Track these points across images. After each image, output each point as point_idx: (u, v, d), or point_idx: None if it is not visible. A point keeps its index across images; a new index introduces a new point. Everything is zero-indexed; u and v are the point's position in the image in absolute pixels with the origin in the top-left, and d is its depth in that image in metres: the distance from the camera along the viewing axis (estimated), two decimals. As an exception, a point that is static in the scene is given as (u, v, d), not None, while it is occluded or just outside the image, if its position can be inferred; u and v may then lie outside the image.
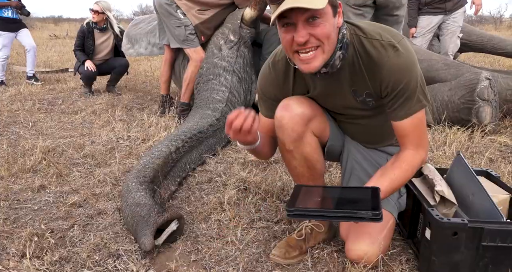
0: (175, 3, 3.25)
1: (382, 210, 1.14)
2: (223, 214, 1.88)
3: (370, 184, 1.35)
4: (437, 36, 4.89)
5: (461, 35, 4.68)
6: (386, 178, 1.34)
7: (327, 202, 1.23)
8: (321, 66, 1.27)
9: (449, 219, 1.34)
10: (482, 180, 1.63)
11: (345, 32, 1.29)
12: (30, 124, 3.38)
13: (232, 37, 3.18)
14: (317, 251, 1.57)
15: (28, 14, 5.61)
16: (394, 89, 1.29)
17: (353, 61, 1.33)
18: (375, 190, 1.24)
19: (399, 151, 1.40)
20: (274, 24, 1.26)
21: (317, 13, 1.18)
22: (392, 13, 2.90)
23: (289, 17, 1.20)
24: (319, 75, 1.35)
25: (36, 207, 1.94)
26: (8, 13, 5.30)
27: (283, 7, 1.16)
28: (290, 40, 1.23)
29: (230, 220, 1.82)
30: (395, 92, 1.30)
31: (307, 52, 1.24)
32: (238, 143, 1.43)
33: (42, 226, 1.73)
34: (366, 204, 1.17)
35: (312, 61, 1.25)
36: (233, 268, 1.47)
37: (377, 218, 1.13)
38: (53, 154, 2.65)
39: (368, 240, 1.40)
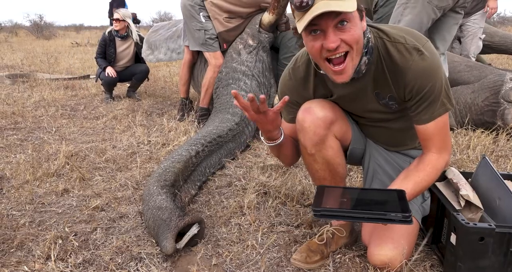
0: (199, 6, 3.28)
1: (412, 212, 1.13)
2: (243, 218, 1.88)
3: (394, 186, 1.32)
4: (457, 38, 4.81)
5: (483, 36, 4.59)
6: (410, 181, 1.32)
7: (353, 203, 1.22)
8: (352, 74, 1.26)
9: (476, 224, 1.31)
10: (509, 184, 1.59)
11: (369, 36, 1.28)
12: (54, 129, 3.45)
13: (250, 42, 3.20)
14: (338, 256, 1.56)
15: (139, 22, 6.47)
16: (419, 93, 1.27)
17: (377, 65, 1.32)
18: (401, 193, 1.22)
19: (422, 154, 1.38)
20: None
21: (347, 17, 1.17)
22: (458, 11, 2.83)
23: (318, 24, 1.18)
24: None
25: (60, 211, 1.98)
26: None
27: (314, 12, 1.13)
28: (319, 47, 1.22)
29: (251, 224, 1.81)
30: (420, 96, 1.28)
31: (337, 58, 1.22)
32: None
33: (66, 229, 1.76)
34: (394, 206, 1.16)
35: (344, 71, 1.24)
36: (254, 272, 1.47)
37: (407, 220, 1.11)
38: (76, 159, 2.70)
39: (391, 245, 1.38)
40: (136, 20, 6.49)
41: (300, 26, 1.19)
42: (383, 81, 1.33)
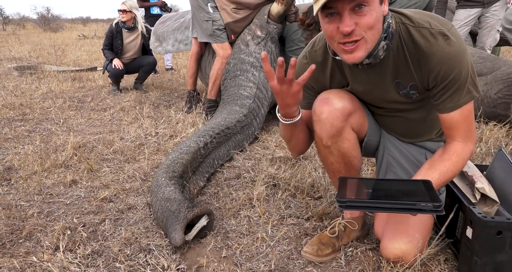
0: None
1: (442, 202, 1.09)
2: (252, 210, 1.85)
3: (418, 176, 1.28)
4: (471, 33, 4.70)
5: (501, 28, 4.47)
6: (436, 171, 1.27)
7: (379, 194, 1.17)
8: (365, 56, 1.21)
9: (493, 218, 1.27)
10: (526, 177, 1.55)
11: (390, 21, 1.23)
12: (61, 121, 3.45)
13: (259, 33, 3.15)
14: (350, 249, 1.53)
15: (170, 10, 6.49)
16: (444, 80, 1.22)
17: (397, 52, 1.27)
18: (427, 183, 1.18)
19: (446, 144, 1.33)
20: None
21: (365, 0, 1.12)
22: None
23: (334, 7, 1.14)
24: (360, 66, 1.29)
25: (68, 202, 1.97)
26: (157, 11, 6.41)
27: None
28: (334, 30, 1.17)
29: (260, 217, 1.79)
30: (445, 83, 1.22)
31: (350, 42, 1.18)
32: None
33: (75, 220, 1.75)
34: (423, 196, 1.12)
35: (355, 50, 1.19)
36: (265, 265, 1.44)
37: (439, 210, 1.07)
38: (84, 150, 2.69)
39: (405, 238, 1.35)
40: (165, 9, 6.45)
41: (316, 7, 1.15)
42: (404, 68, 1.28)
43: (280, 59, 1.12)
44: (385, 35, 1.22)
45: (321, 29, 1.27)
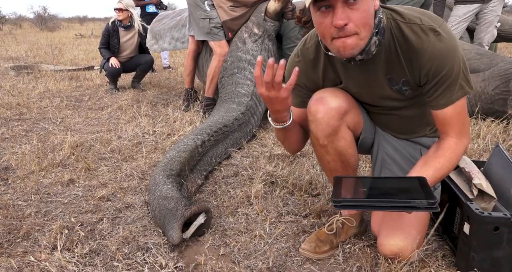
0: None
1: (437, 199, 1.09)
2: (250, 208, 1.85)
3: (413, 173, 1.28)
4: (468, 29, 4.70)
5: (498, 24, 4.47)
6: (431, 167, 1.27)
7: (374, 192, 1.17)
8: (358, 51, 1.20)
9: (490, 213, 1.27)
10: (523, 173, 1.55)
11: (381, 16, 1.22)
12: (59, 120, 3.44)
13: (256, 30, 3.15)
14: (348, 246, 1.53)
15: (166, 8, 6.46)
16: (436, 76, 1.22)
17: (389, 47, 1.26)
18: (422, 180, 1.18)
19: (440, 140, 1.33)
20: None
21: None
22: None
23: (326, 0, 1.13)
24: (353, 62, 1.29)
25: (65, 201, 1.96)
26: (152, 9, 6.36)
27: None
28: (328, 24, 1.16)
29: (258, 214, 1.79)
30: (437, 79, 1.22)
31: (343, 37, 1.17)
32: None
33: (72, 219, 1.75)
34: (417, 193, 1.12)
35: (348, 46, 1.18)
36: (263, 262, 1.44)
37: (433, 207, 1.08)
38: (81, 149, 2.68)
39: (402, 235, 1.35)
40: (161, 6, 6.41)
41: (308, 0, 1.14)
42: (396, 64, 1.28)
43: (271, 60, 1.12)
44: (377, 30, 1.21)
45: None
